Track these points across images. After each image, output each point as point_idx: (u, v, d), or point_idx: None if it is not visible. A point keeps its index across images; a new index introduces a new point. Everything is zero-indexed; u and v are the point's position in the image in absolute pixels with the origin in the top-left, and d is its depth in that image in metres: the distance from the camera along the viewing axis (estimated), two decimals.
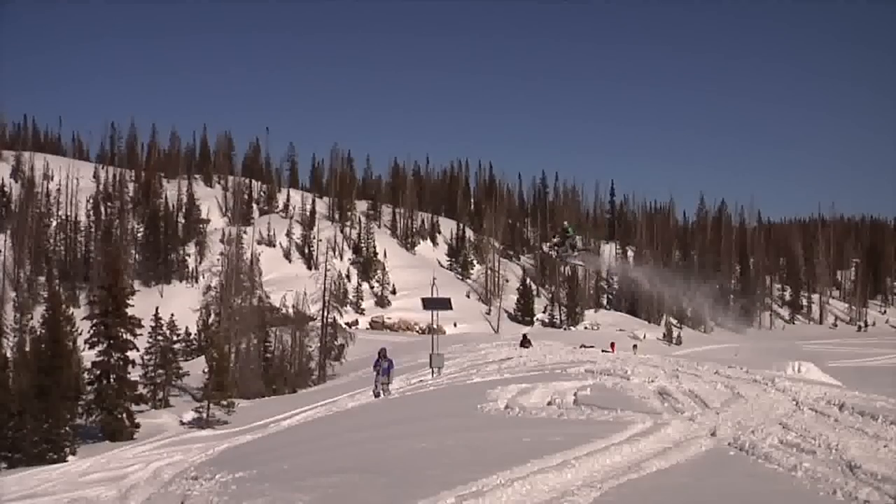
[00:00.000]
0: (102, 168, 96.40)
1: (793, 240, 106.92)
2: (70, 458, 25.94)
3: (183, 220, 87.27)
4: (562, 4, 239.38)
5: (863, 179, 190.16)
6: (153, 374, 38.41)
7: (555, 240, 36.49)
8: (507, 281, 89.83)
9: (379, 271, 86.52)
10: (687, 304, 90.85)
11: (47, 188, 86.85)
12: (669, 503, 6.22)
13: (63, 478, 17.46)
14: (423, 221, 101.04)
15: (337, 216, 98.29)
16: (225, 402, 30.72)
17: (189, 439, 23.94)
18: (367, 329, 73.71)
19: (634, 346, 51.23)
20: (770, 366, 23.96)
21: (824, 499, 6.10)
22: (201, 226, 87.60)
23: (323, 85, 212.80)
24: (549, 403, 12.99)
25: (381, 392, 20.98)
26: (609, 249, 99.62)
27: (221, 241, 78.63)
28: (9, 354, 40.19)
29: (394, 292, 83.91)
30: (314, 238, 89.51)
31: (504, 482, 6.69)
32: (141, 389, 33.65)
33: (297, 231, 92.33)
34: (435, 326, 34.39)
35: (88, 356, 33.23)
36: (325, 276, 54.46)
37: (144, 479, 14.53)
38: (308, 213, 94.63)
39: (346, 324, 65.77)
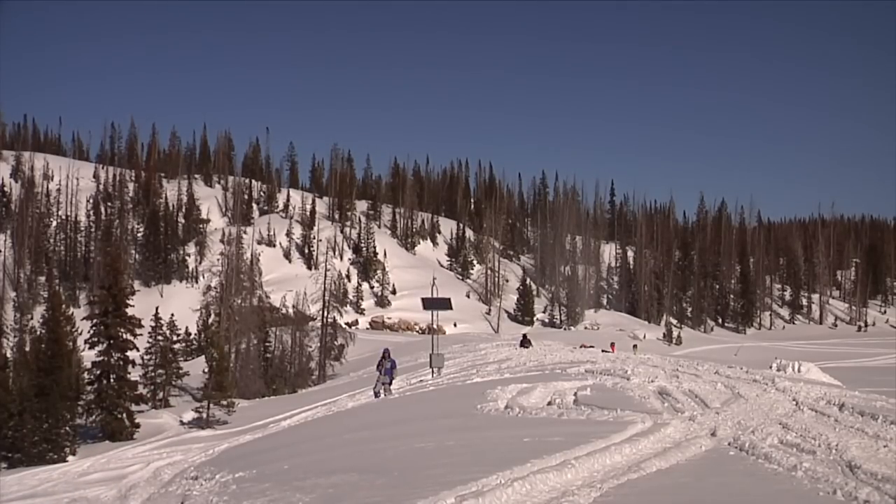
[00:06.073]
0: (102, 168, 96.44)
1: (793, 240, 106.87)
2: (70, 458, 25.94)
3: (183, 220, 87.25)
4: (562, 4, 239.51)
5: (863, 179, 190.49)
6: (153, 374, 38.35)
7: None
8: (507, 281, 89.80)
9: (379, 271, 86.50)
10: (686, 303, 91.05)
11: (47, 188, 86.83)
12: (669, 503, 6.22)
13: (63, 478, 17.48)
14: (423, 221, 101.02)
15: (337, 216, 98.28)
16: (225, 402, 30.68)
17: (189, 439, 23.96)
18: (367, 329, 73.68)
19: (634, 346, 51.21)
20: (769, 365, 23.94)
21: (824, 499, 6.09)
22: (201, 226, 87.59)
23: (323, 85, 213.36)
24: (549, 403, 13.00)
25: (382, 392, 21.01)
26: (609, 249, 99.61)
27: (221, 241, 78.57)
28: (9, 354, 40.25)
29: (394, 292, 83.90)
30: (314, 238, 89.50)
31: (504, 482, 6.69)
32: (141, 389, 33.58)
33: (297, 231, 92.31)
34: (435, 326, 34.36)
35: (88, 356, 33.20)
36: (325, 276, 54.42)
37: (144, 479, 14.54)
38: (308, 213, 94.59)
39: (346, 324, 65.75)
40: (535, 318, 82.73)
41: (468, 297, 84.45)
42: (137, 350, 33.36)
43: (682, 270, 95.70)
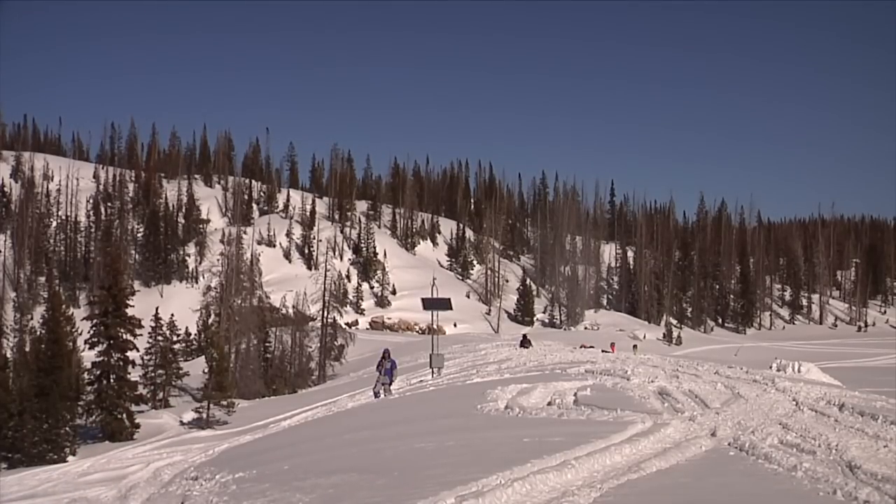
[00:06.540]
0: (102, 168, 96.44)
1: (793, 240, 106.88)
2: (70, 458, 25.95)
3: (183, 221, 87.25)
4: (562, 4, 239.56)
5: (863, 179, 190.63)
6: (153, 375, 38.36)
7: None
8: (507, 281, 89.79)
9: (379, 271, 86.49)
10: (686, 304, 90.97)
11: (47, 188, 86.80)
12: (669, 503, 6.22)
13: (63, 478, 17.49)
14: (423, 221, 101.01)
15: (337, 216, 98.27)
16: (225, 403, 30.68)
17: (189, 439, 23.98)
18: (367, 329, 73.66)
19: (634, 347, 51.18)
20: (769, 366, 23.95)
21: (824, 499, 6.09)
22: (201, 226, 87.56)
23: (323, 85, 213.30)
24: (549, 403, 13.00)
25: (382, 392, 21.00)
26: (609, 249, 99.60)
27: (221, 241, 78.55)
28: (9, 354, 40.23)
29: (394, 292, 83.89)
30: (314, 238, 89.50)
31: (504, 482, 6.69)
32: (141, 389, 33.60)
33: (297, 231, 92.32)
34: (435, 326, 34.37)
35: (88, 356, 33.20)
36: (325, 276, 54.43)
37: (144, 479, 14.54)
38: (308, 214, 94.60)
39: (346, 324, 65.75)
40: (535, 319, 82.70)
41: (468, 297, 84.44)
42: (137, 350, 33.36)
43: (682, 270, 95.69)
